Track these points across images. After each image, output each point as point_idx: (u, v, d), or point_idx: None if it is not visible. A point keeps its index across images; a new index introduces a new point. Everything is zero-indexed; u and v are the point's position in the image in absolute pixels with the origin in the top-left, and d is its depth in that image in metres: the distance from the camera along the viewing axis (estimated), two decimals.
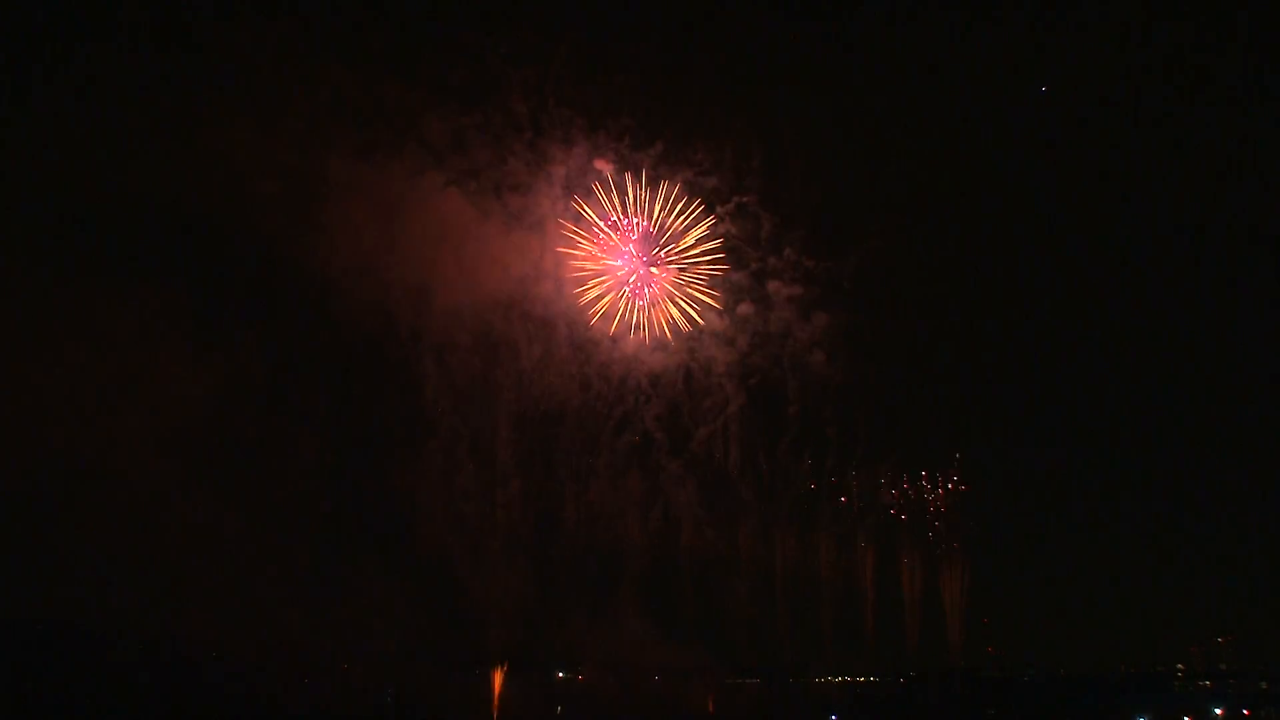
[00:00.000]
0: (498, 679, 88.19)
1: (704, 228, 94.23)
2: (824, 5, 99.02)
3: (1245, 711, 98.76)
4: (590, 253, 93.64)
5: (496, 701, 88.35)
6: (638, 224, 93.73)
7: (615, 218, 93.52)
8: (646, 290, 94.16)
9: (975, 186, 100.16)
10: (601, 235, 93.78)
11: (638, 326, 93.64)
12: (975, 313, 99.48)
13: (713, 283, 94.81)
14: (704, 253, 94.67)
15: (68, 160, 77.95)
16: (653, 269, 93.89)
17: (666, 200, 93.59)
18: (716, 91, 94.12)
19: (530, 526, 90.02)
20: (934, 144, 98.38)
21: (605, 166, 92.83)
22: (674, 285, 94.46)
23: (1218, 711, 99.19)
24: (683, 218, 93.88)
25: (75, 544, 73.11)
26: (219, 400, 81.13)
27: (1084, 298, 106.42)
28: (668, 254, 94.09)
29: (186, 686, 77.69)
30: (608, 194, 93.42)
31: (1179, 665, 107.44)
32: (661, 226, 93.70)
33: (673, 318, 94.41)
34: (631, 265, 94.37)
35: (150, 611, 75.09)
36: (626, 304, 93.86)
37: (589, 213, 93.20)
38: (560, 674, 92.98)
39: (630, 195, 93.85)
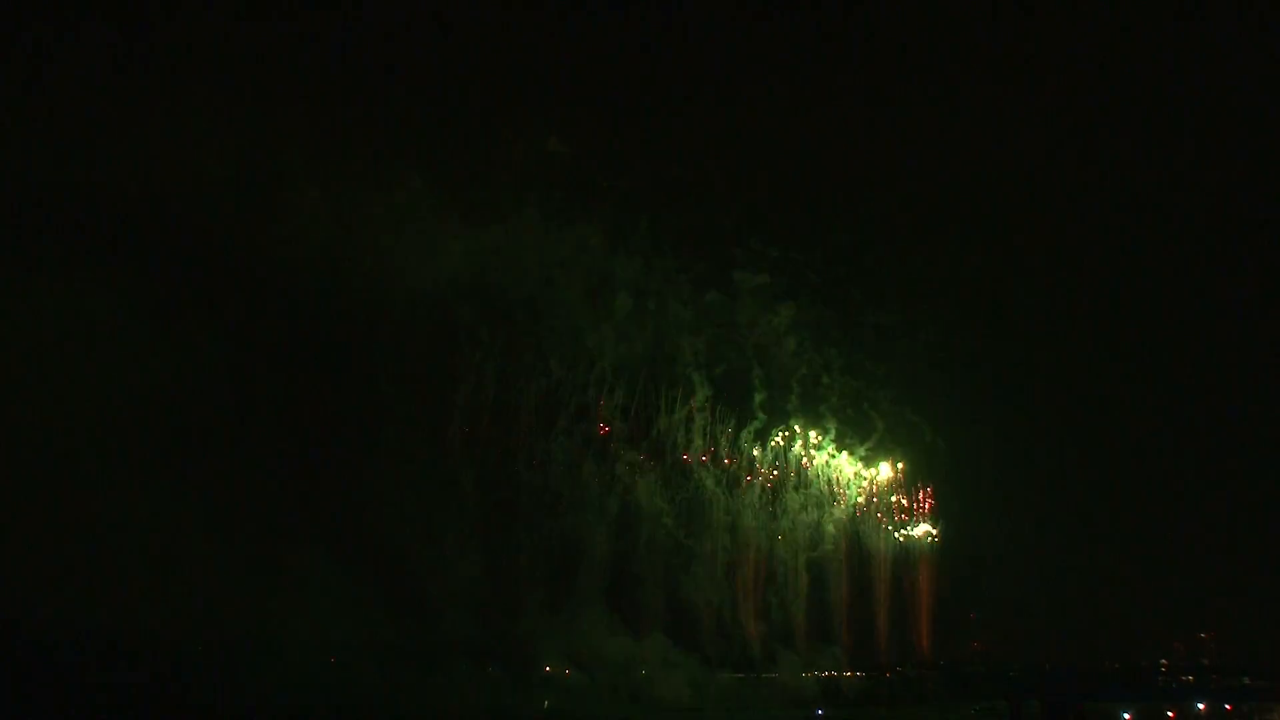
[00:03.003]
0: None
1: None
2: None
3: (1227, 706, 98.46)
4: None
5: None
6: None
7: None
8: None
9: (948, 176, 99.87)
10: None
11: None
12: (946, 302, 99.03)
13: None
14: None
15: (17, 147, 77.73)
16: None
17: None
18: (682, 81, 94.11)
19: (485, 516, 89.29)
20: (906, 134, 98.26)
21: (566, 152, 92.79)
22: None
23: (1200, 706, 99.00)
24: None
25: (20, 536, 72.94)
26: (171, 387, 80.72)
27: (1059, 291, 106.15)
28: None
29: (136, 681, 77.43)
30: None
31: (1162, 660, 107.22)
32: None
33: None
34: None
35: (98, 603, 74.69)
36: None
37: None
38: (548, 668, 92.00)
39: None
